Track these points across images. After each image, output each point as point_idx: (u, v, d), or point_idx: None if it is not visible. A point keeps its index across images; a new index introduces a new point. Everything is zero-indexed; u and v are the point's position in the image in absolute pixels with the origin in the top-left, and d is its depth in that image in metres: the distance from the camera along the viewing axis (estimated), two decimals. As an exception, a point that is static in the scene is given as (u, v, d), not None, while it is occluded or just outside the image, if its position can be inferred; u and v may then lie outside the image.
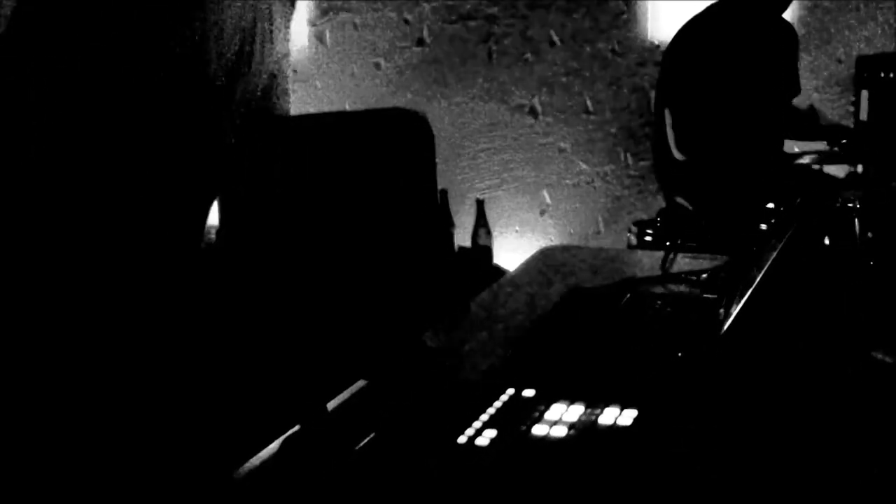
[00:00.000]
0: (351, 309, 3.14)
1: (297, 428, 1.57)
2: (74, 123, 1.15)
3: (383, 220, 3.70)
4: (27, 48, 1.19)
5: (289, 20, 1.58)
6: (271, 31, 1.49)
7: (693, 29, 4.42)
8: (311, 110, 3.97)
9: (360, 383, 1.79)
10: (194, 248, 1.26)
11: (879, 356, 2.64)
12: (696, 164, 4.29)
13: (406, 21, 4.37)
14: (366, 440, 1.54)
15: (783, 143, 4.63)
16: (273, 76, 1.53)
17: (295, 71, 4.32)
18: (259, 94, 1.46)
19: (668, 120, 4.40)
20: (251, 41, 1.39)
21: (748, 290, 1.82)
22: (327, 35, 4.46)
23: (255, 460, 1.51)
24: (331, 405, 1.69)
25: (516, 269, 2.64)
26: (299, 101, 4.02)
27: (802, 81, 4.72)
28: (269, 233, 1.46)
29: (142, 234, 1.20)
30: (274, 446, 1.54)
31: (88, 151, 1.15)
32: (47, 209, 1.12)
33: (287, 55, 1.58)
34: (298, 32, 4.30)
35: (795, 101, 4.72)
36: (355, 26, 4.41)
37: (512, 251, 4.64)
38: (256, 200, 1.39)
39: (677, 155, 4.37)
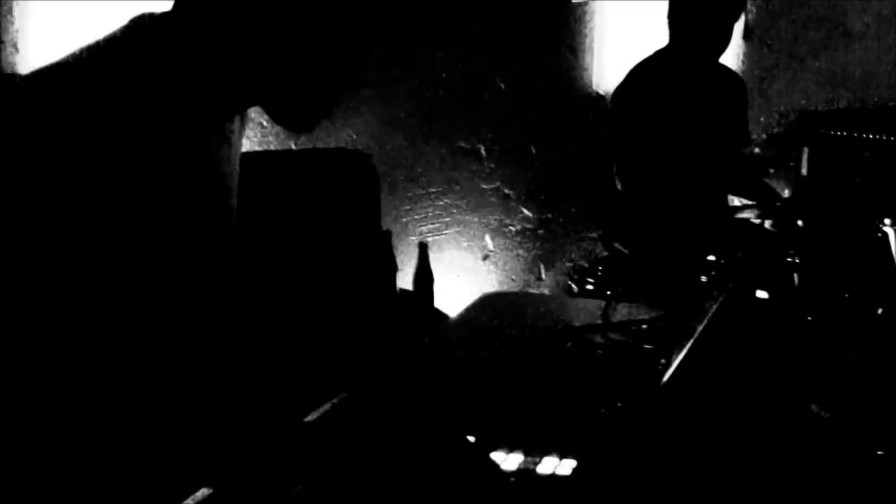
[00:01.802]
0: (293, 349, 3.12)
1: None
2: None
3: (326, 259, 3.68)
4: None
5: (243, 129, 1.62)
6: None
7: (642, 74, 4.46)
8: (258, 149, 3.95)
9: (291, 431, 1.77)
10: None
11: (816, 410, 2.65)
12: (639, 206, 4.32)
13: (354, 62, 4.37)
14: (297, 487, 1.52)
15: (726, 196, 4.68)
16: None
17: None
18: None
19: (614, 167, 4.43)
20: None
21: (688, 342, 1.83)
22: (274, 73, 4.44)
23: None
24: (260, 452, 1.67)
25: (457, 315, 2.63)
26: (244, 140, 4.01)
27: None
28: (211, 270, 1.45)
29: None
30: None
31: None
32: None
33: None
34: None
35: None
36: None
37: (453, 296, 4.64)
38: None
39: (619, 186, 4.40)
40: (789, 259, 3.76)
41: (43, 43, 3.14)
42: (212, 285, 1.34)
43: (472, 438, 1.67)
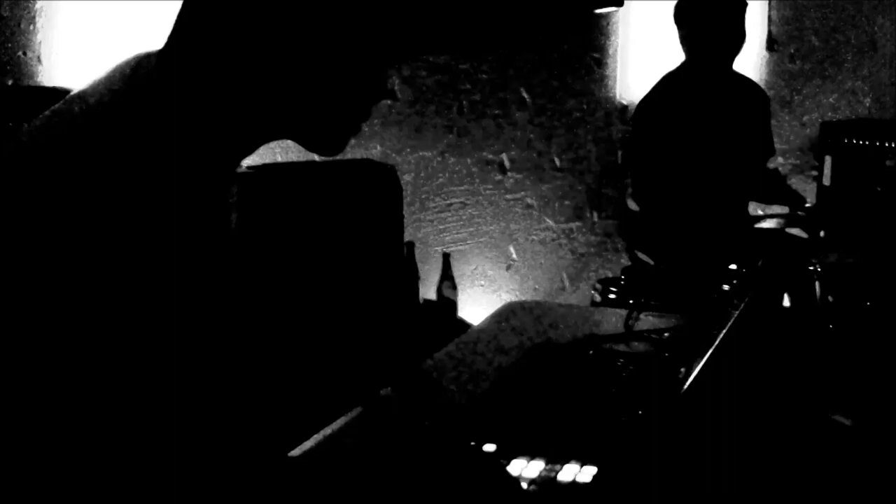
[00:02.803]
0: (315, 359, 3.13)
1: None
2: None
3: (350, 269, 3.70)
4: None
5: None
6: None
7: (664, 88, 4.47)
8: (280, 160, 3.97)
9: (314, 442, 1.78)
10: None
11: (838, 418, 2.65)
12: (654, 217, 4.32)
13: (377, 74, 4.38)
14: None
15: (748, 205, 4.68)
16: None
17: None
18: None
19: (632, 176, 4.44)
20: None
21: (709, 349, 1.84)
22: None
23: None
24: (293, 454, 1.68)
25: (480, 324, 2.64)
26: (268, 151, 4.04)
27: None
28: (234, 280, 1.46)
29: None
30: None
31: None
32: None
33: None
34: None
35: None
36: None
37: (477, 305, 4.64)
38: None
39: (632, 205, 4.41)
40: (811, 268, 3.75)
41: (67, 55, 3.17)
42: (218, 300, 1.32)
43: (492, 446, 1.68)
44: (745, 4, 4.39)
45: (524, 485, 1.53)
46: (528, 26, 4.72)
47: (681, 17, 4.43)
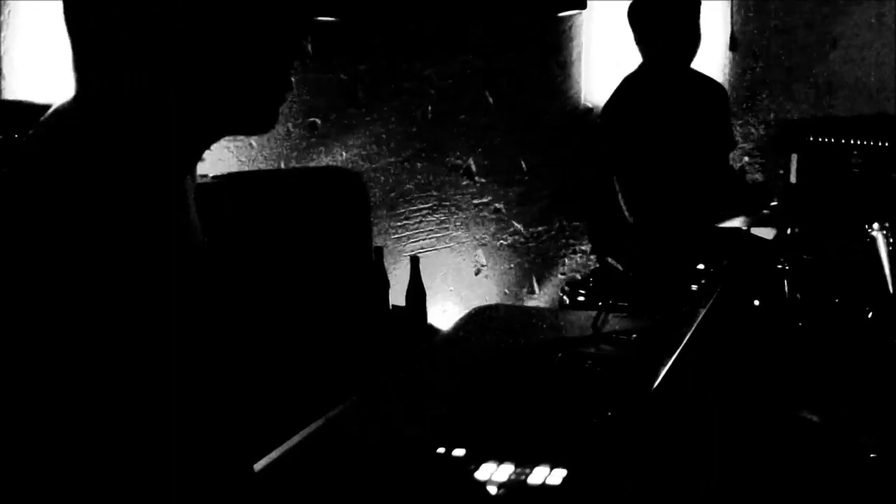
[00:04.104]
0: (283, 367, 3.12)
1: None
2: None
3: (318, 277, 3.69)
4: None
5: None
6: None
7: (624, 92, 4.49)
8: (247, 169, 3.96)
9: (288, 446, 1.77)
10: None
11: (806, 415, 2.66)
12: (644, 227, 4.34)
13: (342, 81, 4.38)
14: None
15: (715, 204, 4.70)
16: None
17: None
18: None
19: (617, 185, 4.45)
20: None
21: (677, 349, 1.84)
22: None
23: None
24: (259, 466, 1.67)
25: (449, 329, 2.64)
26: (234, 160, 4.03)
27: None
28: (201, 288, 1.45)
29: None
30: None
31: None
32: None
33: None
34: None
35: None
36: (291, 85, 4.41)
37: (446, 310, 4.64)
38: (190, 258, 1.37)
39: (629, 218, 4.42)
40: (779, 266, 3.76)
41: (29, 68, 3.15)
42: (186, 312, 1.31)
43: (461, 451, 1.67)
44: (699, 4, 4.41)
45: (493, 489, 1.52)
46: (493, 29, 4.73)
47: (634, 19, 4.46)
